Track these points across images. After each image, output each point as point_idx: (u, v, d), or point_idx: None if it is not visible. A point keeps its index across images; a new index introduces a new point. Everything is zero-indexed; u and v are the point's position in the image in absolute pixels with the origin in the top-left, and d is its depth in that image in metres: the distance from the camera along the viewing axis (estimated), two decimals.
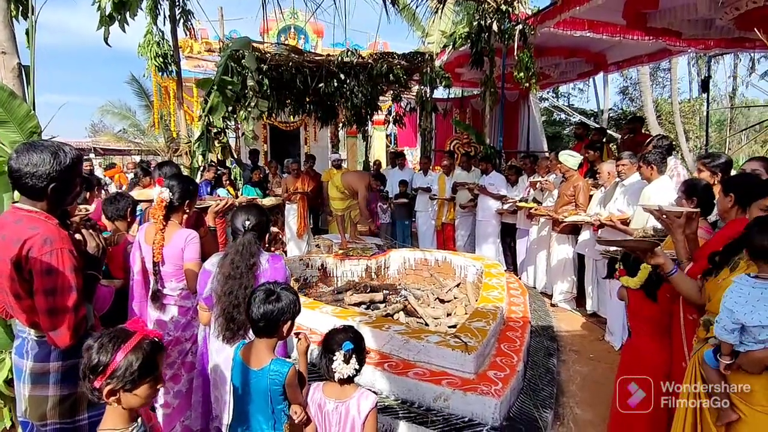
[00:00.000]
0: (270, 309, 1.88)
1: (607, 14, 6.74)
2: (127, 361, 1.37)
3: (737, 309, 1.73)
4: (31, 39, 2.44)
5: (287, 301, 1.92)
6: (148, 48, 6.77)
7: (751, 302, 1.71)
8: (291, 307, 1.93)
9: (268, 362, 1.89)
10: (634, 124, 7.08)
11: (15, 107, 2.18)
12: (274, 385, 1.86)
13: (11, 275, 1.69)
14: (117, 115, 20.67)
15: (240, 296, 2.13)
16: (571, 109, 20.66)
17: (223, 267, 2.22)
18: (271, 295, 1.91)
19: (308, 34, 11.82)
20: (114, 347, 1.37)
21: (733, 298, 1.76)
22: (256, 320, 1.89)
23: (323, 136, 12.89)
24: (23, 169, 1.72)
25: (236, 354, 2.01)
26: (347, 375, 1.90)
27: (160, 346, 1.47)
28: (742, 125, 19.20)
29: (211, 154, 6.63)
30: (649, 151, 4.23)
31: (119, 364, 1.36)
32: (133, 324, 1.46)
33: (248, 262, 2.20)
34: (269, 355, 1.93)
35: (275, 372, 1.87)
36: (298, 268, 5.99)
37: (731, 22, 6.16)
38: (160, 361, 1.46)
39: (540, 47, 8.27)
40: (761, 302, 1.70)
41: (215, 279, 2.24)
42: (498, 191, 6.78)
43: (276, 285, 1.98)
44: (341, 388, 1.95)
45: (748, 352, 1.75)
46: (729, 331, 1.76)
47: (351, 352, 1.90)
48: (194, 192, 2.88)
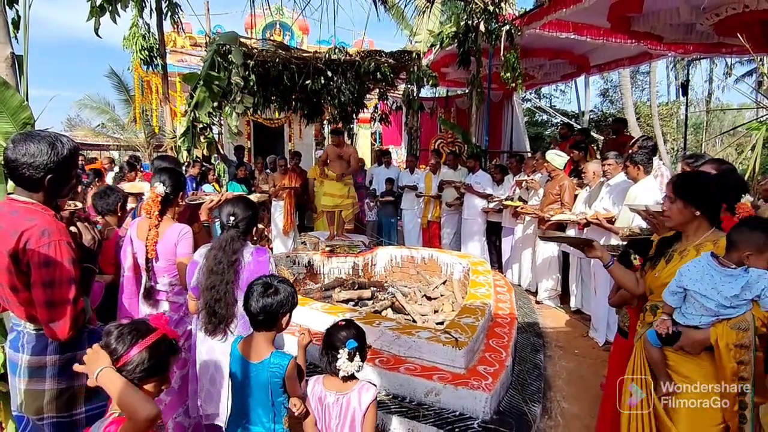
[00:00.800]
0: (269, 302, 1.89)
1: (592, 17, 6.87)
2: (140, 357, 1.37)
3: (686, 275, 1.90)
4: (24, 28, 2.39)
5: (285, 293, 1.93)
6: (133, 41, 6.65)
7: (700, 273, 1.87)
8: (289, 300, 1.94)
9: (268, 355, 1.90)
10: (618, 126, 7.24)
11: (8, 98, 2.13)
12: (274, 378, 1.86)
13: (9, 267, 1.66)
14: (95, 109, 20.22)
15: (221, 291, 2.17)
16: (553, 110, 20.96)
17: (207, 260, 2.25)
18: (269, 288, 1.91)
19: (294, 30, 11.74)
20: (132, 340, 1.37)
21: (688, 266, 1.93)
22: (255, 314, 1.90)
23: (308, 133, 12.82)
24: (20, 159, 1.69)
25: (234, 348, 2.00)
26: (351, 372, 1.91)
27: (175, 349, 1.48)
28: (717, 129, 19.71)
29: (197, 150, 6.56)
30: (636, 152, 4.33)
31: (132, 358, 1.36)
32: (156, 320, 1.45)
33: (230, 258, 2.23)
34: (269, 348, 1.93)
35: (276, 364, 1.87)
36: (285, 265, 5.97)
37: (711, 28, 6.36)
38: (171, 363, 1.46)
39: (525, 48, 8.38)
40: (708, 276, 1.85)
41: (200, 271, 2.27)
42: (484, 190, 6.84)
43: (273, 278, 1.98)
44: (342, 382, 1.96)
45: (689, 333, 1.89)
46: (671, 293, 1.95)
47: (355, 350, 1.90)
48: (184, 183, 2.88)
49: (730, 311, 1.82)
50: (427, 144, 11.40)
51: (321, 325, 3.92)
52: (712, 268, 1.86)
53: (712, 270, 1.86)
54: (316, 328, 3.91)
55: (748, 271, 1.80)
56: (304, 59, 7.59)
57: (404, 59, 7.93)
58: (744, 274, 1.80)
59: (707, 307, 1.84)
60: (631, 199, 3.96)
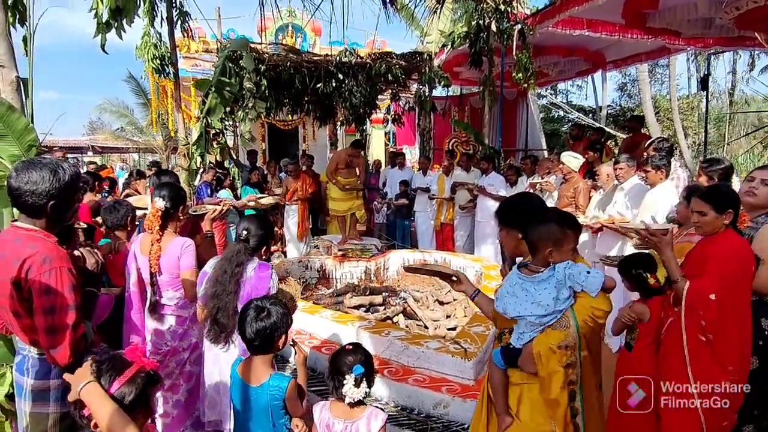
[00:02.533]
0: (262, 326, 1.90)
1: (605, 14, 6.74)
2: (120, 393, 1.37)
3: (504, 301, 1.83)
4: (29, 50, 2.43)
5: (277, 316, 1.94)
6: (145, 50, 6.74)
7: (515, 294, 1.80)
8: (282, 321, 1.95)
9: (267, 378, 1.90)
10: (634, 124, 7.09)
11: (13, 121, 2.18)
12: (274, 401, 1.87)
13: (11, 294, 1.69)
14: (115, 113, 20.64)
15: (223, 300, 2.29)
16: (570, 106, 20.67)
17: (214, 270, 2.38)
18: (261, 312, 1.93)
19: (306, 32, 11.76)
20: (110, 378, 1.38)
21: (502, 291, 1.87)
22: (251, 340, 1.92)
23: (321, 134, 12.86)
24: (23, 187, 1.72)
25: (234, 371, 2.01)
26: (357, 398, 1.88)
27: (154, 379, 1.47)
28: (742, 121, 19.17)
29: (210, 155, 6.63)
30: (654, 155, 4.23)
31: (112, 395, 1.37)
32: (131, 353, 1.46)
33: (234, 269, 2.34)
34: (268, 370, 1.94)
35: (275, 387, 1.87)
36: (297, 270, 5.99)
37: (731, 22, 6.16)
38: (152, 395, 1.46)
39: (538, 46, 8.26)
40: (523, 293, 1.78)
41: (207, 280, 2.39)
42: (497, 192, 6.77)
43: (264, 300, 2.00)
44: (350, 408, 1.93)
45: (525, 346, 1.78)
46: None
47: (361, 376, 1.87)
48: (185, 196, 2.91)
49: (552, 317, 1.72)
50: (441, 143, 11.33)
51: (331, 334, 3.93)
52: (524, 281, 1.79)
53: (525, 283, 1.78)
54: (325, 336, 3.92)
55: (555, 267, 1.73)
56: (315, 62, 7.62)
57: (415, 60, 7.90)
58: (552, 273, 1.73)
59: (532, 322, 1.76)
60: (649, 204, 3.87)
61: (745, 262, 2.23)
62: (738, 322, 2.22)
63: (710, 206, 2.26)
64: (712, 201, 2.26)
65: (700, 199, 2.31)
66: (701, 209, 2.29)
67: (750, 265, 2.25)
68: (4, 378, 2.13)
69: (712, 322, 2.18)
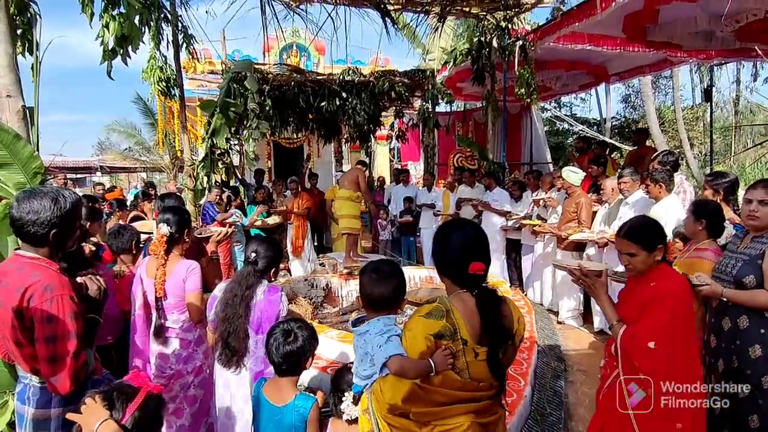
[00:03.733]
0: (290, 350, 1.96)
1: (606, 28, 6.76)
2: (133, 419, 1.38)
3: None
4: (36, 82, 2.48)
5: (303, 339, 2.00)
6: (151, 73, 6.86)
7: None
8: (309, 343, 2.01)
9: (293, 398, 1.94)
10: (639, 137, 7.09)
11: (19, 149, 2.22)
12: (298, 421, 1.90)
13: (13, 323, 1.71)
14: (123, 133, 20.95)
15: (234, 324, 2.29)
16: (574, 118, 20.68)
17: (224, 293, 2.38)
18: (288, 336, 1.98)
19: (310, 51, 11.91)
20: (122, 407, 1.38)
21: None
22: (278, 363, 1.96)
23: (327, 151, 12.95)
24: (25, 217, 1.74)
25: (258, 390, 2.05)
26: (355, 416, 1.90)
27: (162, 400, 1.50)
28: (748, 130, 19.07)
29: (215, 175, 6.68)
30: (656, 169, 4.21)
31: (125, 423, 1.38)
32: (135, 378, 1.47)
33: (244, 292, 2.35)
34: (293, 390, 1.99)
35: (300, 407, 1.93)
36: (304, 289, 5.98)
37: (732, 34, 6.17)
38: (163, 417, 1.47)
39: (540, 60, 8.29)
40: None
41: (218, 303, 2.39)
42: (502, 207, 6.76)
43: (290, 323, 2.05)
44: (349, 427, 1.95)
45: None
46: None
47: (360, 394, 1.88)
48: (189, 220, 2.92)
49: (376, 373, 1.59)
50: (445, 159, 11.36)
51: (338, 354, 3.90)
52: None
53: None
54: (333, 357, 3.89)
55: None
56: (319, 81, 7.70)
57: (418, 78, 7.97)
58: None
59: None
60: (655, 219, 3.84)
61: (686, 301, 2.07)
62: (687, 370, 2.01)
63: (639, 246, 2.10)
64: (640, 240, 2.11)
65: (627, 239, 2.15)
66: (630, 251, 2.13)
67: (691, 302, 2.12)
68: (6, 406, 2.13)
69: (652, 373, 1.97)
